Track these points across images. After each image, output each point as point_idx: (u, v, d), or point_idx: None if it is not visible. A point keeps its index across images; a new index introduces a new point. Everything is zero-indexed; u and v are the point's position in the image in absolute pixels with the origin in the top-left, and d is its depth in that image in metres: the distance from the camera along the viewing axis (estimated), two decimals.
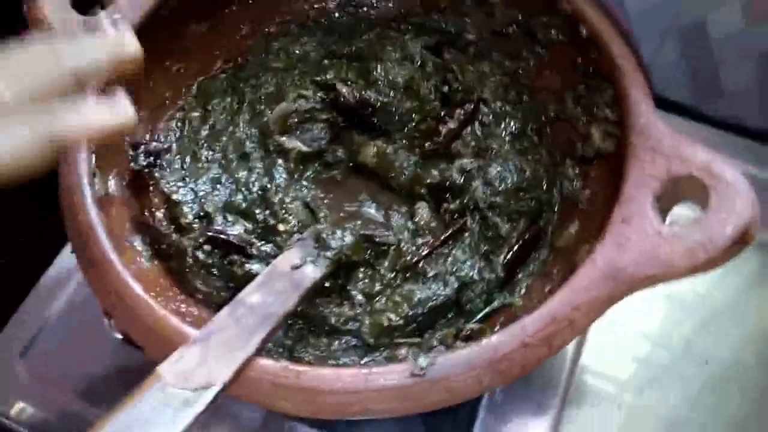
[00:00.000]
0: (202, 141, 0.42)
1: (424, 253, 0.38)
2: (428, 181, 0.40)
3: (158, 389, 0.26)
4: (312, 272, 0.35)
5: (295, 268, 0.34)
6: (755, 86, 0.52)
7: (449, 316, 0.38)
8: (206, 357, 0.28)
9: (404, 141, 0.42)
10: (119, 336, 0.44)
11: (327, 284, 0.37)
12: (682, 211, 0.35)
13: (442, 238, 0.39)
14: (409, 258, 0.38)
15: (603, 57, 0.39)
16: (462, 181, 0.40)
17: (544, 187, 0.40)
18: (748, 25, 0.48)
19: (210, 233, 0.37)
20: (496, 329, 0.36)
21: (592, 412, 0.43)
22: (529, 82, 0.44)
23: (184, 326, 0.30)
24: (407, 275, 0.38)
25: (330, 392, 0.29)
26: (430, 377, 0.29)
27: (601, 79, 0.39)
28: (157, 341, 0.30)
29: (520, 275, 0.39)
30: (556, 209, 0.40)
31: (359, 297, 0.37)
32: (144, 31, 0.38)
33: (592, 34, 0.39)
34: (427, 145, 0.42)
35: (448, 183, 0.40)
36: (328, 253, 0.36)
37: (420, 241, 0.39)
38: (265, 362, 0.30)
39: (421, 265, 0.38)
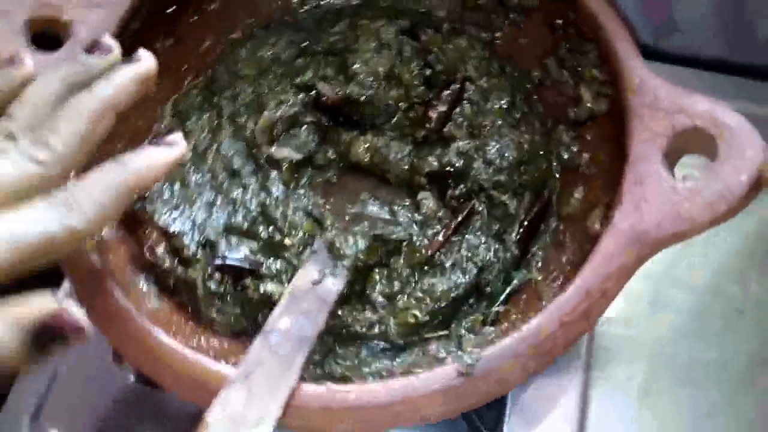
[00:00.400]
0: (188, 164, 0.40)
1: (437, 245, 0.38)
2: (427, 169, 0.39)
3: None
4: (333, 284, 0.34)
5: (316, 283, 0.33)
6: (711, 16, 0.52)
7: (470, 302, 0.37)
8: (251, 395, 0.27)
9: (394, 132, 0.41)
10: (132, 377, 0.43)
11: (345, 291, 0.36)
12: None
13: (452, 226, 0.38)
14: (423, 252, 0.37)
15: (583, 17, 0.38)
16: (462, 164, 0.39)
17: (543, 156, 0.40)
18: None
19: (218, 262, 0.36)
20: (520, 307, 0.37)
21: (617, 365, 0.44)
22: (509, 52, 0.43)
23: (218, 365, 0.29)
24: (425, 269, 0.37)
25: (382, 407, 0.29)
26: (478, 374, 0.29)
27: (584, 40, 0.39)
28: (191, 385, 0.29)
29: (533, 249, 0.38)
30: (557, 177, 0.40)
31: (380, 299, 0.37)
32: None
33: None
34: (418, 132, 0.41)
35: (448, 168, 0.39)
36: (345, 262, 0.35)
37: (430, 232, 0.38)
38: (309, 388, 0.29)
39: (436, 256, 0.37)
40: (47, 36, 0.36)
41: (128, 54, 0.29)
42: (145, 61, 0.27)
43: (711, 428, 0.42)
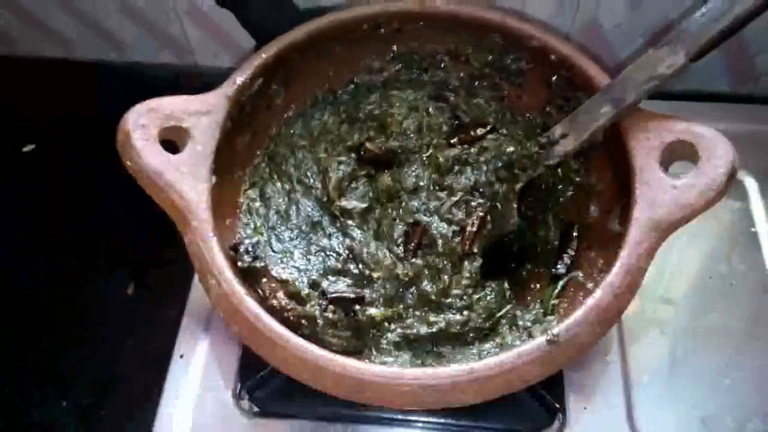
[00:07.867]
0: (277, 225, 0.49)
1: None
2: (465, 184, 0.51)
3: None
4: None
5: None
6: (718, 58, 0.62)
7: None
8: None
9: (424, 160, 0.52)
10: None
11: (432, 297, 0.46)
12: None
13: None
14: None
15: (575, 73, 0.50)
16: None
17: (561, 181, 0.51)
18: None
19: (333, 295, 0.45)
20: (569, 298, 0.46)
21: (645, 341, 0.53)
22: (516, 106, 0.54)
23: (376, 367, 0.38)
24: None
25: (495, 376, 0.38)
26: (563, 341, 0.38)
27: (576, 89, 0.50)
28: (350, 384, 0.38)
29: (565, 255, 0.49)
30: (575, 197, 0.51)
31: (459, 303, 0.47)
32: (217, 154, 0.45)
33: (561, 58, 0.50)
34: (445, 155, 0.51)
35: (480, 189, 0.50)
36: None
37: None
38: (447, 369, 0.38)
39: None
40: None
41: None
42: None
43: (728, 382, 0.52)
